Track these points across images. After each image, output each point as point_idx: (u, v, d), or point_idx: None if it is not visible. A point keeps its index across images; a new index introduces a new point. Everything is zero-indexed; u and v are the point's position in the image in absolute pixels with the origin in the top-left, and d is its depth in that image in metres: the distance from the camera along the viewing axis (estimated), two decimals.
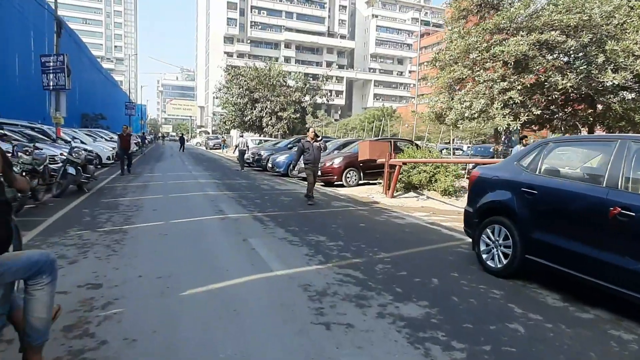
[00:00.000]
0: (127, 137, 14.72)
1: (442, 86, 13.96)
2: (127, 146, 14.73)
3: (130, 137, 15.05)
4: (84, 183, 10.15)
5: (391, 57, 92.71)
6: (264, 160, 19.52)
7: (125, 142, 14.64)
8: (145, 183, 12.52)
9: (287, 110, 33.09)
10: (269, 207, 8.75)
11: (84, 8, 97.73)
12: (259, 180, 15.24)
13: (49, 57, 15.42)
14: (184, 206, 8.58)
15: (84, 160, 9.86)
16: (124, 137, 14.64)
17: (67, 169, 9.34)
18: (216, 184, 12.87)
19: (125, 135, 14.70)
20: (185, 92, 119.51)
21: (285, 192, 11.90)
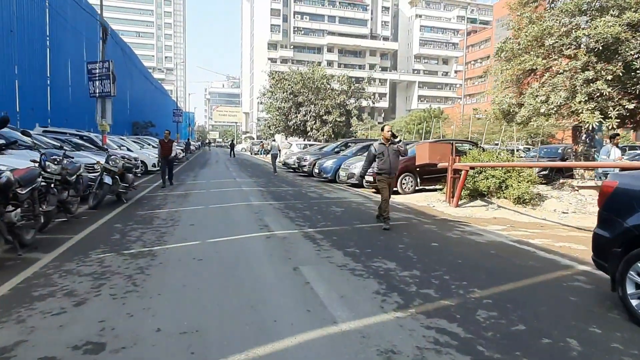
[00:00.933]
0: (168, 144, 13.36)
1: (510, 80, 12.23)
2: (168, 153, 13.26)
3: (172, 143, 13.55)
4: (123, 193, 9.41)
5: (436, 57, 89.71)
6: (310, 165, 18.45)
7: (166, 149, 13.23)
8: (186, 192, 11.72)
9: (332, 114, 31.96)
10: (320, 221, 7.54)
11: (136, 22, 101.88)
12: (305, 187, 14.13)
13: (94, 64, 15.15)
14: (225, 220, 7.54)
15: (121, 168, 9.11)
16: (165, 144, 13.34)
17: (104, 178, 8.60)
18: (260, 192, 11.86)
19: (166, 142, 13.45)
20: (231, 99, 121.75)
21: (336, 200, 10.67)
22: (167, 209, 8.56)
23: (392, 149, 7.20)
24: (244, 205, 9.31)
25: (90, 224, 6.82)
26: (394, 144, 7.27)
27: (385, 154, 7.15)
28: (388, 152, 7.15)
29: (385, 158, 7.13)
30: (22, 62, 16.56)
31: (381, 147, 7.20)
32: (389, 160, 7.14)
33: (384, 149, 7.16)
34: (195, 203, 9.56)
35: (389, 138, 7.24)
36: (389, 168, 7.16)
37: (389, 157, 7.14)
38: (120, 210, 8.37)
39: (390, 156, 7.16)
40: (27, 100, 17.08)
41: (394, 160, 7.21)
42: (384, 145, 7.20)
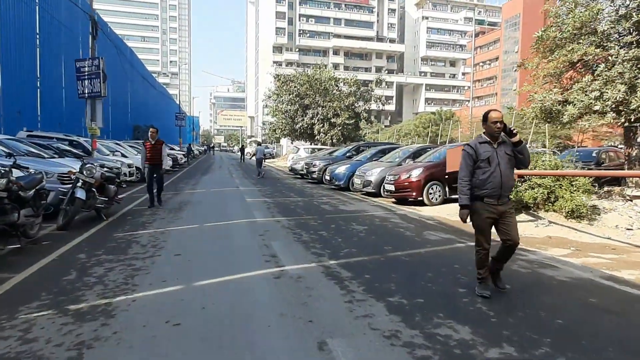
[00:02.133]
0: (155, 147, 9.46)
1: (553, 74, 10.54)
2: (155, 161, 9.42)
3: (161, 145, 9.54)
4: (102, 208, 7.82)
5: (443, 59, 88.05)
6: (320, 171, 16.82)
7: (153, 154, 9.41)
8: (181, 204, 10.11)
9: (340, 116, 30.34)
10: (342, 247, 5.88)
11: (142, 26, 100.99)
12: (316, 197, 12.49)
13: (83, 62, 13.64)
14: (221, 247, 5.90)
15: (99, 179, 7.52)
16: (151, 147, 9.44)
17: (76, 192, 7.01)
18: (266, 205, 10.22)
19: (152, 143, 9.45)
20: (236, 104, 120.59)
21: (355, 215, 9.01)
22: (153, 229, 6.94)
23: (505, 152, 3.92)
24: (246, 223, 7.67)
25: (46, 255, 5.21)
26: (502, 142, 3.97)
27: (492, 160, 3.88)
28: (497, 157, 3.89)
29: (493, 168, 3.86)
30: (7, 62, 15.09)
31: (485, 147, 3.93)
32: (498, 171, 3.85)
33: (490, 153, 3.90)
34: (189, 220, 7.93)
35: (497, 134, 3.89)
36: (498, 187, 3.86)
37: (498, 167, 3.86)
38: (95, 232, 6.76)
39: (502, 165, 3.87)
40: (13, 103, 15.60)
41: (506, 172, 3.89)
42: (491, 146, 3.93)
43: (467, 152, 4.00)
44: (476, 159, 3.95)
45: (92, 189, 7.37)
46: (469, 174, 4.00)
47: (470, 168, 3.97)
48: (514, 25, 75.62)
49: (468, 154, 3.99)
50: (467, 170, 4.00)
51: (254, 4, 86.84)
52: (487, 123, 3.97)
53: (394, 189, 10.92)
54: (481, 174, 3.92)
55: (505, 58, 76.86)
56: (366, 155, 15.70)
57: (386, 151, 15.54)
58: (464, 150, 4.00)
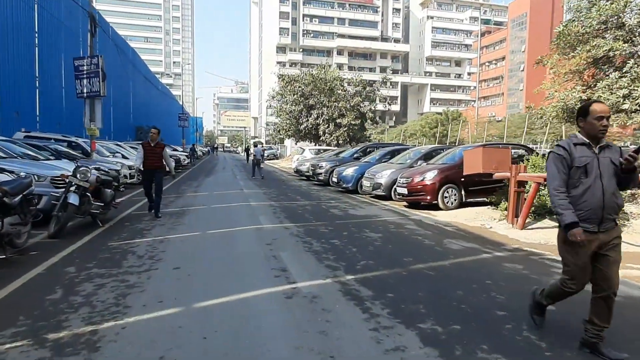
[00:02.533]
0: (155, 150, 8.45)
1: (575, 70, 9.98)
2: (156, 165, 8.46)
3: (162, 149, 8.54)
4: (98, 214, 7.33)
5: (448, 59, 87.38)
6: (326, 173, 16.30)
7: (152, 158, 8.43)
8: (183, 208, 9.61)
9: (346, 117, 29.82)
10: (358, 258, 5.36)
11: (144, 27, 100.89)
12: (324, 200, 11.97)
13: (82, 61, 13.19)
14: (225, 259, 5.38)
15: (94, 183, 7.02)
16: (150, 149, 8.43)
17: (68, 197, 6.52)
18: (272, 209, 9.71)
19: (152, 146, 8.43)
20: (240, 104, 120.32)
21: (367, 220, 8.48)
22: (151, 237, 6.43)
23: (610, 159, 2.88)
24: (252, 230, 7.15)
25: (32, 268, 4.72)
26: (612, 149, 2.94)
27: (591, 169, 2.85)
28: (598, 165, 2.85)
29: (592, 180, 2.83)
30: (4, 61, 14.67)
31: (582, 151, 2.89)
32: (599, 185, 2.82)
33: (589, 159, 2.86)
34: (190, 226, 7.43)
35: (601, 134, 2.88)
36: (599, 207, 2.81)
37: (599, 179, 2.83)
38: (88, 240, 6.26)
39: (604, 177, 2.84)
40: (11, 103, 15.18)
41: (610, 186, 2.84)
42: (590, 150, 2.90)
43: (558, 154, 2.93)
44: (570, 165, 2.88)
45: (86, 193, 6.88)
46: (563, 183, 2.88)
47: (565, 176, 2.87)
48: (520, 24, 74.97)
49: (560, 157, 2.91)
50: (561, 178, 2.88)
51: (258, 5, 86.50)
52: (587, 119, 2.88)
53: (406, 192, 10.38)
54: (575, 187, 2.86)
55: (512, 57, 76.20)
56: (375, 157, 15.16)
57: (395, 152, 15.01)
58: (554, 152, 3.00)
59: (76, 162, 7.13)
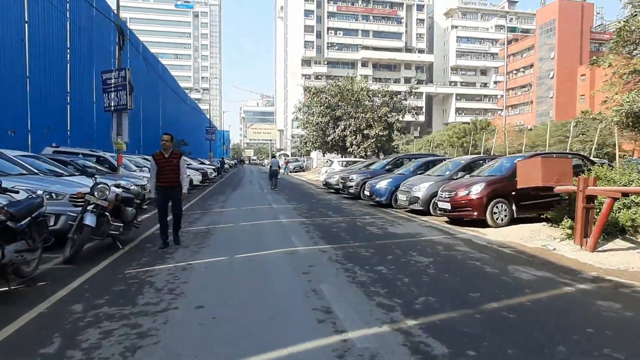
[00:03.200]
0: (169, 162, 6.64)
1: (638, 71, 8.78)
2: (170, 181, 6.66)
3: (178, 160, 6.71)
4: (117, 235, 6.63)
5: (473, 68, 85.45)
6: (357, 186, 15.38)
7: (167, 172, 6.64)
8: (209, 227, 8.86)
9: (374, 128, 28.87)
10: (414, 293, 4.40)
11: (175, 44, 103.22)
12: (357, 215, 11.04)
13: (110, 74, 12.84)
14: (256, 292, 4.52)
15: (114, 201, 6.35)
16: (164, 162, 6.64)
17: (85, 217, 5.85)
18: (304, 227, 8.84)
19: (166, 157, 6.65)
20: (266, 117, 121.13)
21: (410, 241, 7.50)
22: (173, 263, 5.66)
23: None
24: (285, 254, 6.29)
25: (33, 305, 3.98)
26: None
27: None
28: None
29: None
30: (36, 76, 14.52)
31: None
32: None
33: None
34: (216, 249, 6.63)
35: None
36: None
37: None
38: (105, 266, 5.54)
39: None
40: (42, 119, 15.00)
41: None
42: None
43: None
44: None
45: (105, 213, 6.20)
46: None
47: None
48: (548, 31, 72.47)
49: None
50: None
51: (283, 19, 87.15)
52: None
53: (450, 208, 9.33)
54: None
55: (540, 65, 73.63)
56: (409, 169, 14.16)
57: (430, 164, 13.98)
58: None
59: (94, 178, 6.47)
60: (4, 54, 12.62)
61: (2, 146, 11.15)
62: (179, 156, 6.83)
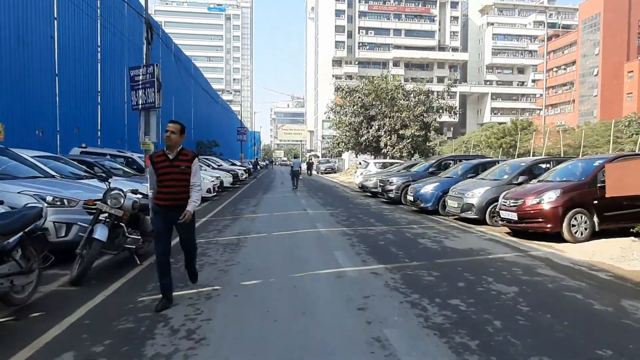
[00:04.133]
0: (175, 167, 4.06)
1: None
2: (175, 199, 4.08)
3: (190, 165, 4.10)
4: (136, 248, 5.68)
5: (510, 66, 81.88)
6: (398, 189, 14.09)
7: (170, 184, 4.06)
8: (239, 237, 7.82)
9: (410, 128, 27.37)
10: (518, 348, 3.15)
11: (207, 47, 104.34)
12: (402, 223, 9.79)
13: (137, 70, 12.10)
14: (300, 339, 3.40)
15: (130, 209, 5.39)
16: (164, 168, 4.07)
17: (95, 230, 4.91)
18: (347, 239, 7.67)
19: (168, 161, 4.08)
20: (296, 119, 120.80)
21: (477, 260, 6.20)
22: (196, 289, 4.62)
23: None
24: (330, 277, 5.14)
25: (13, 351, 3.01)
26: None
27: None
28: None
29: None
30: (66, 76, 14.04)
31: None
32: None
33: None
34: (247, 268, 5.55)
35: None
36: None
37: None
38: (114, 291, 4.56)
39: None
40: (71, 119, 14.53)
41: None
42: None
43: None
44: None
45: (120, 224, 5.26)
46: None
47: None
48: (592, 26, 68.39)
49: None
50: None
51: (314, 20, 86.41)
52: None
53: (516, 218, 7.93)
54: None
55: (583, 62, 69.62)
56: (456, 171, 12.75)
57: (480, 166, 12.54)
58: None
59: (107, 183, 5.53)
60: (31, 49, 12.13)
61: (30, 147, 10.59)
62: (192, 157, 4.18)
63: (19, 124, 11.64)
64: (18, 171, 6.69)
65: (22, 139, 11.47)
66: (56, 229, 5.67)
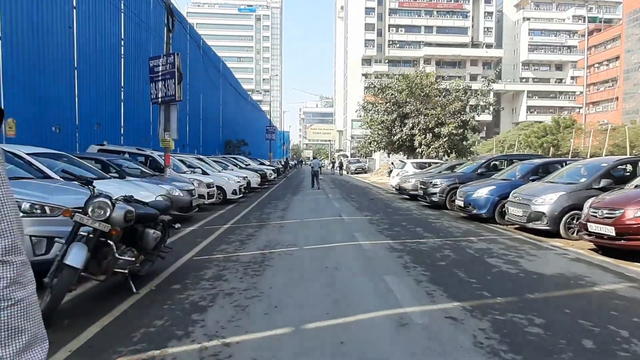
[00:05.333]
0: None
1: None
2: None
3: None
4: (132, 271, 4.33)
5: (547, 63, 77.69)
6: (442, 193, 12.39)
7: None
8: (264, 252, 6.38)
9: (447, 126, 25.39)
10: None
11: (238, 48, 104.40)
12: (457, 235, 8.13)
13: (157, 60, 10.92)
14: None
15: (121, 223, 4.03)
16: None
17: (68, 252, 3.57)
18: (397, 256, 6.10)
19: None
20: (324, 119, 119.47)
21: (582, 293, 4.51)
22: (205, 331, 3.20)
23: None
24: (386, 321, 3.59)
25: None
26: None
27: None
28: None
29: None
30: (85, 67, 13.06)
31: None
32: None
33: None
34: (273, 302, 4.08)
35: None
36: None
37: None
38: (92, 337, 3.19)
39: None
40: (92, 114, 13.56)
41: None
42: None
43: None
44: None
45: (107, 241, 3.91)
46: None
47: None
48: (637, 19, 63.64)
49: None
50: None
51: (343, 19, 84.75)
52: None
53: (613, 234, 6.14)
54: None
55: (627, 57, 64.90)
56: (513, 173, 10.93)
57: (542, 167, 10.69)
58: None
59: (91, 187, 4.20)
60: (48, 39, 11.15)
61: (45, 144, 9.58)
62: None
63: (33, 120, 10.67)
64: None
65: (36, 135, 10.48)
66: (33, 245, 4.41)
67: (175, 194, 9.09)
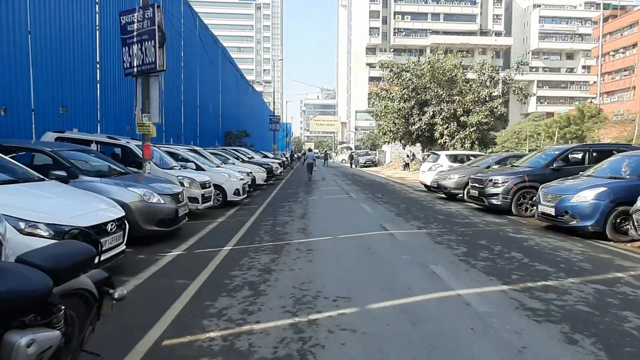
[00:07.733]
0: None
1: None
2: None
3: None
4: None
5: (558, 51, 74.22)
6: (507, 194, 9.43)
7: None
8: (296, 321, 3.41)
9: (474, 114, 22.35)
10: None
11: (238, 37, 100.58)
12: (573, 260, 5.15)
13: (131, 15, 7.83)
14: None
15: None
16: None
17: None
18: (532, 314, 3.14)
19: None
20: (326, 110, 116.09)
21: None
22: None
23: None
24: None
25: None
26: None
27: None
28: None
29: None
30: (43, 34, 10.00)
31: None
32: None
33: None
34: None
35: None
36: None
37: None
38: None
39: None
40: (55, 95, 10.53)
41: None
42: None
43: None
44: None
45: None
46: None
47: None
48: None
49: None
50: None
51: (346, 7, 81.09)
52: None
53: None
54: None
55: None
56: (617, 169, 7.92)
57: None
58: None
59: None
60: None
61: None
62: None
63: None
64: None
65: None
66: None
67: (152, 200, 6.13)
